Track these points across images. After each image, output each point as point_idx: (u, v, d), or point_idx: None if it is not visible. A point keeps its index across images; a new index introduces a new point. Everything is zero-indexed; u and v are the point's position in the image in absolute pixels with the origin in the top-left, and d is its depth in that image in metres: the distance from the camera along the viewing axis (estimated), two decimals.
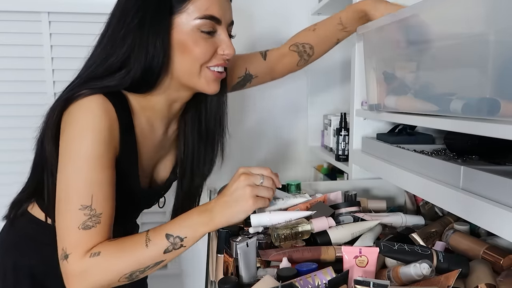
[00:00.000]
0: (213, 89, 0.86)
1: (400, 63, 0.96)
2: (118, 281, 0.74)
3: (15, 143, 1.57)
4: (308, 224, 0.86)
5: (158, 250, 0.74)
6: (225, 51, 0.84)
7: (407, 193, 1.12)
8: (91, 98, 0.77)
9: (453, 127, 0.75)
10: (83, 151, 0.74)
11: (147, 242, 0.74)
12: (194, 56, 0.81)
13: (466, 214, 0.70)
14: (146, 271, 0.75)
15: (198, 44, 0.81)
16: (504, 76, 0.62)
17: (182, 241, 0.74)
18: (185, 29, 0.80)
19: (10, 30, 1.59)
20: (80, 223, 0.73)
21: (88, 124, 0.75)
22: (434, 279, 0.67)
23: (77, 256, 0.72)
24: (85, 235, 0.73)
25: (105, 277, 0.73)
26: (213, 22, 0.81)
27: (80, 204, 0.73)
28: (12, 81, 1.62)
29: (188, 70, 0.83)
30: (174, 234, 0.74)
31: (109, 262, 0.72)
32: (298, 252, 0.80)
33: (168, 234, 0.74)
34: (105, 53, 0.82)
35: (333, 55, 1.74)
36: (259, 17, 1.72)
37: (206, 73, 0.84)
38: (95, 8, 1.58)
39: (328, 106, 1.76)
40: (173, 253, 0.75)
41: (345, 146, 1.38)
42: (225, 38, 0.84)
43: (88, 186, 0.74)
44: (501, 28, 0.63)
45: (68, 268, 0.73)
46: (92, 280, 0.72)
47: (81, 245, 0.73)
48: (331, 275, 0.67)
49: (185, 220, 0.76)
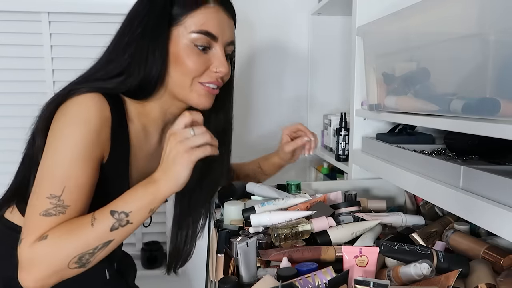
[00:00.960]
0: (203, 104, 0.86)
1: (400, 63, 0.96)
2: (68, 267, 0.70)
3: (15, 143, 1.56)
4: (308, 224, 0.86)
5: (104, 228, 0.70)
6: (217, 68, 0.84)
7: (407, 193, 1.12)
8: (88, 94, 0.77)
9: (453, 127, 0.75)
10: (68, 142, 0.73)
11: (93, 221, 0.71)
12: (186, 69, 0.82)
13: (466, 214, 0.70)
14: (95, 253, 0.71)
15: (190, 58, 0.81)
16: (504, 76, 0.62)
17: (128, 217, 0.71)
18: (180, 42, 0.81)
19: (10, 30, 1.59)
20: (43, 209, 0.71)
21: (80, 117, 0.74)
22: (434, 279, 0.67)
23: (28, 241, 0.69)
24: (43, 221, 0.70)
25: (53, 261, 0.69)
26: (208, 38, 0.82)
27: (50, 193, 0.71)
28: (12, 81, 1.62)
29: (180, 83, 0.83)
30: (119, 210, 0.71)
31: (56, 245, 0.69)
32: (298, 252, 0.80)
33: (112, 210, 0.71)
34: (108, 57, 0.83)
35: (333, 55, 1.75)
36: (259, 17, 1.72)
37: (198, 88, 0.84)
38: (95, 8, 1.58)
39: (328, 106, 1.76)
40: (121, 230, 0.71)
41: (345, 146, 1.38)
42: (220, 55, 0.84)
43: (63, 177, 0.72)
44: (501, 28, 0.63)
45: (20, 255, 0.70)
46: (40, 267, 0.68)
47: (36, 231, 0.70)
48: (331, 275, 0.67)
49: (129, 194, 0.74)
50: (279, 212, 0.91)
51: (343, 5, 1.47)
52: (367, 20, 1.13)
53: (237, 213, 0.98)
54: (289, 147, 1.14)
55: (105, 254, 0.73)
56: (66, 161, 0.72)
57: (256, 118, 1.78)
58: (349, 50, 1.25)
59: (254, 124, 1.78)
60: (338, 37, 1.74)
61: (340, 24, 1.73)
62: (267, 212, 0.91)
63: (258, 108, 1.78)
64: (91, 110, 0.75)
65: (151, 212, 0.74)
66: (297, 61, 1.78)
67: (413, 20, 0.87)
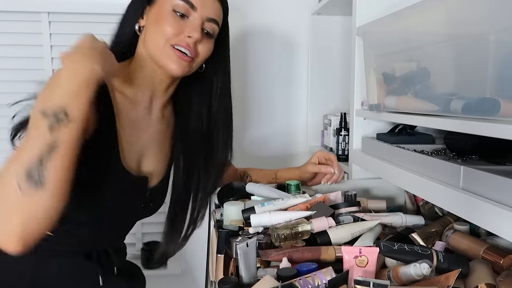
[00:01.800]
0: (176, 70, 0.88)
1: (400, 63, 0.96)
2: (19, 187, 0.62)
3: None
4: (308, 224, 0.86)
5: (42, 131, 0.64)
6: (189, 33, 0.87)
7: (407, 193, 1.12)
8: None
9: (453, 127, 0.75)
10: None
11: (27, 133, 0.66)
12: (161, 30, 0.87)
13: (466, 214, 0.70)
14: (44, 163, 0.63)
15: (167, 21, 0.87)
16: (504, 76, 0.62)
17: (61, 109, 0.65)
18: (162, 6, 0.88)
19: (10, 30, 1.59)
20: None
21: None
22: (434, 279, 0.67)
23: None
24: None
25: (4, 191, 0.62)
26: (187, 6, 0.87)
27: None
28: (12, 81, 1.62)
29: (155, 43, 0.88)
30: (49, 107, 0.65)
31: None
32: (298, 252, 0.80)
33: (42, 110, 0.65)
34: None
35: (333, 55, 1.75)
36: (260, 17, 1.72)
37: (169, 51, 0.87)
38: (95, 8, 1.58)
39: (328, 106, 1.76)
40: (61, 129, 0.65)
41: (345, 146, 1.38)
42: (195, 23, 0.88)
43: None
44: (501, 28, 0.63)
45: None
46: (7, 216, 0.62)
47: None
48: (331, 275, 0.67)
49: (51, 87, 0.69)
50: (279, 212, 0.91)
51: (343, 5, 1.47)
52: (367, 20, 1.13)
53: (237, 213, 0.98)
54: (314, 168, 1.17)
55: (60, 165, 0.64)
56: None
57: (256, 119, 1.78)
58: (349, 50, 1.25)
59: (254, 125, 1.78)
60: (338, 37, 1.74)
61: (340, 24, 1.73)
62: (267, 212, 0.91)
63: (258, 108, 1.77)
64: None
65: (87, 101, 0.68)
66: (297, 61, 1.78)
67: (413, 20, 0.87)
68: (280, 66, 1.77)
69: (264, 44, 1.74)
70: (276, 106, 1.79)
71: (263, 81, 1.76)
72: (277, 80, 1.78)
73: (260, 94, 1.77)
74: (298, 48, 1.77)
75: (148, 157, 0.96)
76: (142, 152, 0.94)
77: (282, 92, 1.79)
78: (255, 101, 1.77)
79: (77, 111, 0.67)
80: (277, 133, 1.80)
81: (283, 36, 1.76)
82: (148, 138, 0.95)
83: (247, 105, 1.77)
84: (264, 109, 1.78)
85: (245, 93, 1.76)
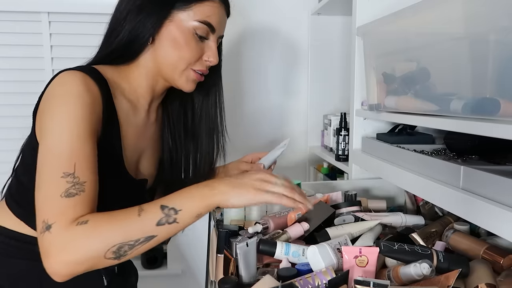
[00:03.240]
0: (189, 88, 0.91)
1: (400, 63, 0.96)
2: (105, 256, 0.66)
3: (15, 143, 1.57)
4: (284, 234, 0.87)
5: (151, 221, 0.68)
6: (209, 58, 0.89)
7: (407, 193, 1.12)
8: (69, 72, 0.77)
9: (453, 127, 0.75)
10: (66, 119, 0.72)
11: (140, 212, 0.69)
12: (182, 54, 0.86)
13: (466, 214, 0.70)
14: (135, 246, 0.68)
15: (189, 44, 0.86)
16: (504, 76, 0.62)
17: (177, 214, 0.69)
18: (182, 26, 0.85)
19: (10, 30, 1.59)
20: (63, 190, 0.68)
21: (70, 94, 0.73)
22: (434, 279, 0.67)
23: (63, 224, 0.66)
24: (68, 202, 0.67)
25: (91, 247, 0.66)
26: (209, 29, 0.87)
27: (63, 172, 0.68)
28: (12, 81, 1.62)
29: (173, 64, 0.87)
30: (169, 205, 0.69)
31: (97, 229, 0.66)
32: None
33: (163, 205, 0.69)
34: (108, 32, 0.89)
35: (333, 55, 1.75)
36: (260, 17, 1.72)
37: (189, 73, 0.89)
38: (95, 8, 1.58)
39: (328, 106, 1.76)
40: (166, 227, 0.69)
41: (345, 146, 1.38)
42: (213, 47, 0.90)
43: (71, 154, 0.70)
44: (501, 28, 0.63)
45: (52, 239, 0.65)
46: (77, 250, 0.65)
47: (66, 213, 0.67)
48: (331, 275, 0.67)
49: (183, 192, 0.72)
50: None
51: (343, 5, 1.47)
52: (367, 20, 1.13)
53: (237, 213, 0.98)
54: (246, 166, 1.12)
55: (143, 250, 0.69)
56: (69, 137, 0.71)
57: (256, 119, 1.78)
58: (349, 50, 1.25)
59: (254, 125, 1.78)
60: (338, 37, 1.74)
61: (340, 24, 1.73)
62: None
63: (258, 108, 1.77)
64: (80, 85, 0.74)
65: (198, 217, 0.71)
66: (297, 61, 1.78)
67: (413, 20, 0.87)
68: (280, 66, 1.77)
69: (264, 44, 1.74)
70: (276, 106, 1.79)
71: (263, 81, 1.76)
72: (277, 80, 1.78)
73: (260, 94, 1.77)
74: (298, 48, 1.77)
75: (145, 159, 0.97)
76: (141, 155, 0.95)
77: (282, 92, 1.79)
78: (255, 101, 1.77)
79: (188, 220, 0.70)
80: (277, 133, 1.80)
81: (283, 36, 1.76)
82: (146, 141, 0.97)
83: (247, 105, 1.77)
84: (264, 109, 1.78)
85: (245, 93, 1.76)
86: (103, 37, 0.90)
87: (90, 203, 0.70)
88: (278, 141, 1.20)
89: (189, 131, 1.03)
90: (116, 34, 0.86)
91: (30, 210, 0.83)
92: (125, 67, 0.89)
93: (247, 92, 1.77)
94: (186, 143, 1.03)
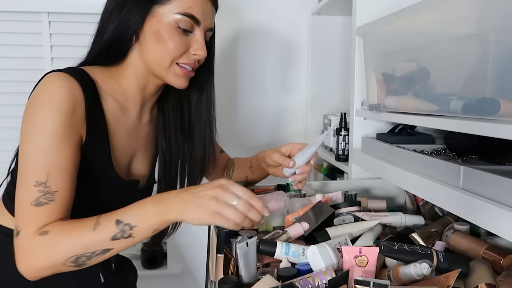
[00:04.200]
0: (180, 84, 0.89)
1: (400, 63, 0.96)
2: (64, 264, 0.71)
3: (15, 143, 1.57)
4: (284, 233, 0.87)
5: (106, 235, 0.70)
6: (196, 51, 0.86)
7: (407, 193, 1.12)
8: (54, 74, 0.77)
9: (453, 127, 0.75)
10: (43, 127, 0.72)
11: (96, 226, 0.70)
12: (166, 48, 0.84)
13: (466, 214, 0.70)
14: (92, 257, 0.71)
15: (172, 38, 0.83)
16: (504, 76, 0.62)
17: (132, 230, 0.70)
18: (164, 20, 0.83)
19: (10, 30, 1.59)
20: (33, 199, 0.71)
21: (50, 100, 0.74)
22: (434, 279, 0.67)
23: (28, 233, 0.71)
24: (36, 211, 0.71)
25: (50, 257, 0.70)
26: (192, 21, 0.84)
27: (35, 180, 0.71)
28: (12, 81, 1.62)
29: (159, 61, 0.85)
30: (125, 220, 0.70)
31: (55, 242, 0.70)
32: None
33: (118, 220, 0.71)
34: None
35: (333, 55, 1.75)
36: (260, 17, 1.72)
37: (175, 69, 0.87)
38: (95, 8, 1.56)
39: (328, 106, 1.76)
40: (121, 242, 0.71)
41: (345, 146, 1.38)
42: (200, 39, 0.87)
43: (45, 162, 0.72)
44: (501, 28, 0.63)
45: (19, 245, 0.71)
46: (38, 259, 0.70)
47: (32, 222, 0.71)
48: (331, 275, 0.67)
49: (138, 207, 0.72)
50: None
51: (343, 5, 1.47)
52: (367, 20, 1.13)
53: None
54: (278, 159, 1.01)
55: (102, 259, 0.73)
56: (45, 146, 0.72)
57: (256, 119, 1.78)
58: (349, 50, 1.25)
59: (254, 124, 1.78)
60: (338, 37, 1.74)
61: (340, 24, 1.73)
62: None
63: (258, 108, 1.77)
64: (61, 91, 0.74)
65: (154, 232, 0.72)
66: (297, 61, 1.78)
67: (413, 20, 0.87)
68: (280, 66, 1.77)
69: (264, 44, 1.74)
70: (276, 106, 1.79)
71: (263, 81, 1.76)
72: (277, 80, 1.78)
73: (260, 94, 1.77)
74: (298, 48, 1.77)
75: (138, 159, 0.97)
76: (132, 156, 0.95)
77: (282, 92, 1.79)
78: (255, 101, 1.77)
79: (143, 235, 0.72)
80: (277, 133, 1.80)
81: (283, 36, 1.76)
82: (139, 142, 0.96)
83: (246, 105, 1.77)
84: (264, 109, 1.78)
85: (244, 93, 1.76)
86: (92, 38, 0.90)
87: (60, 212, 0.74)
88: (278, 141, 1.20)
89: (186, 131, 1.02)
90: (102, 34, 0.86)
91: None
92: (114, 68, 0.89)
93: (246, 92, 1.77)
94: (181, 143, 1.02)
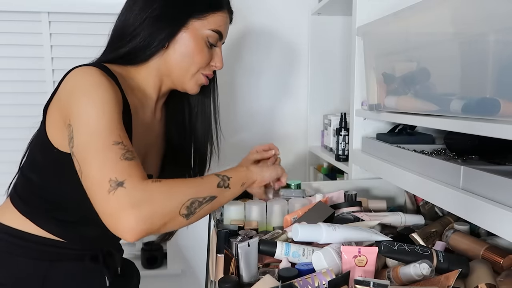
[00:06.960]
0: (195, 91, 0.97)
1: (400, 63, 0.96)
2: (179, 212, 0.69)
3: (15, 143, 1.57)
4: (284, 233, 0.87)
5: (212, 183, 0.77)
6: (216, 64, 0.96)
7: (407, 193, 1.12)
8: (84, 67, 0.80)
9: (453, 127, 0.75)
10: (100, 101, 0.74)
11: (201, 178, 0.79)
12: (196, 59, 0.91)
13: (466, 214, 0.70)
14: (203, 204, 0.73)
15: (202, 50, 0.91)
16: (504, 76, 0.62)
17: (229, 180, 0.79)
18: (197, 34, 0.90)
19: (10, 30, 1.59)
20: (120, 154, 0.69)
21: (96, 81, 0.76)
22: (434, 279, 0.67)
23: (136, 180, 0.66)
24: (130, 164, 0.69)
25: (168, 201, 0.68)
26: (219, 37, 0.94)
27: (113, 141, 0.70)
28: (12, 81, 1.62)
29: (185, 68, 0.92)
30: (221, 174, 0.80)
31: (172, 186, 0.70)
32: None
33: (217, 174, 0.80)
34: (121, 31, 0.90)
35: (333, 55, 1.75)
36: (260, 17, 1.72)
37: (199, 77, 0.95)
38: (95, 8, 1.58)
39: (328, 106, 1.76)
40: (223, 191, 0.78)
41: (345, 146, 1.38)
42: (220, 53, 0.96)
43: (114, 127, 0.72)
44: (501, 28, 0.63)
45: (126, 194, 0.65)
46: (155, 205, 0.66)
47: (134, 173, 0.67)
48: (331, 276, 0.67)
49: (224, 170, 0.83)
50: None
51: (343, 5, 1.47)
52: (367, 20, 1.13)
53: (237, 213, 0.98)
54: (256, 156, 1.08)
55: (207, 211, 0.75)
56: (107, 114, 0.73)
57: (256, 119, 1.78)
58: (349, 50, 1.25)
59: (254, 124, 1.78)
60: (338, 37, 1.74)
61: (340, 24, 1.73)
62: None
63: (258, 108, 1.77)
64: (102, 77, 0.78)
65: (243, 186, 0.83)
66: (297, 61, 1.78)
67: (413, 20, 0.87)
68: (280, 66, 1.77)
69: (264, 44, 1.74)
70: (276, 106, 1.79)
71: (263, 81, 1.76)
72: (277, 80, 1.78)
73: (260, 94, 1.77)
74: (298, 48, 1.77)
75: (151, 156, 0.99)
76: (147, 152, 0.97)
77: (282, 92, 1.79)
78: (255, 101, 1.77)
79: (236, 187, 0.82)
80: (277, 133, 1.80)
81: (283, 36, 1.76)
82: (153, 139, 1.00)
83: (246, 105, 1.77)
84: (264, 109, 1.78)
85: (244, 93, 1.76)
86: (113, 37, 0.91)
87: (144, 170, 0.72)
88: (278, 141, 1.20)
89: (187, 130, 1.06)
90: (131, 37, 0.87)
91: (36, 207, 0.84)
92: (132, 68, 0.91)
93: (246, 92, 1.76)
94: (186, 141, 1.06)
